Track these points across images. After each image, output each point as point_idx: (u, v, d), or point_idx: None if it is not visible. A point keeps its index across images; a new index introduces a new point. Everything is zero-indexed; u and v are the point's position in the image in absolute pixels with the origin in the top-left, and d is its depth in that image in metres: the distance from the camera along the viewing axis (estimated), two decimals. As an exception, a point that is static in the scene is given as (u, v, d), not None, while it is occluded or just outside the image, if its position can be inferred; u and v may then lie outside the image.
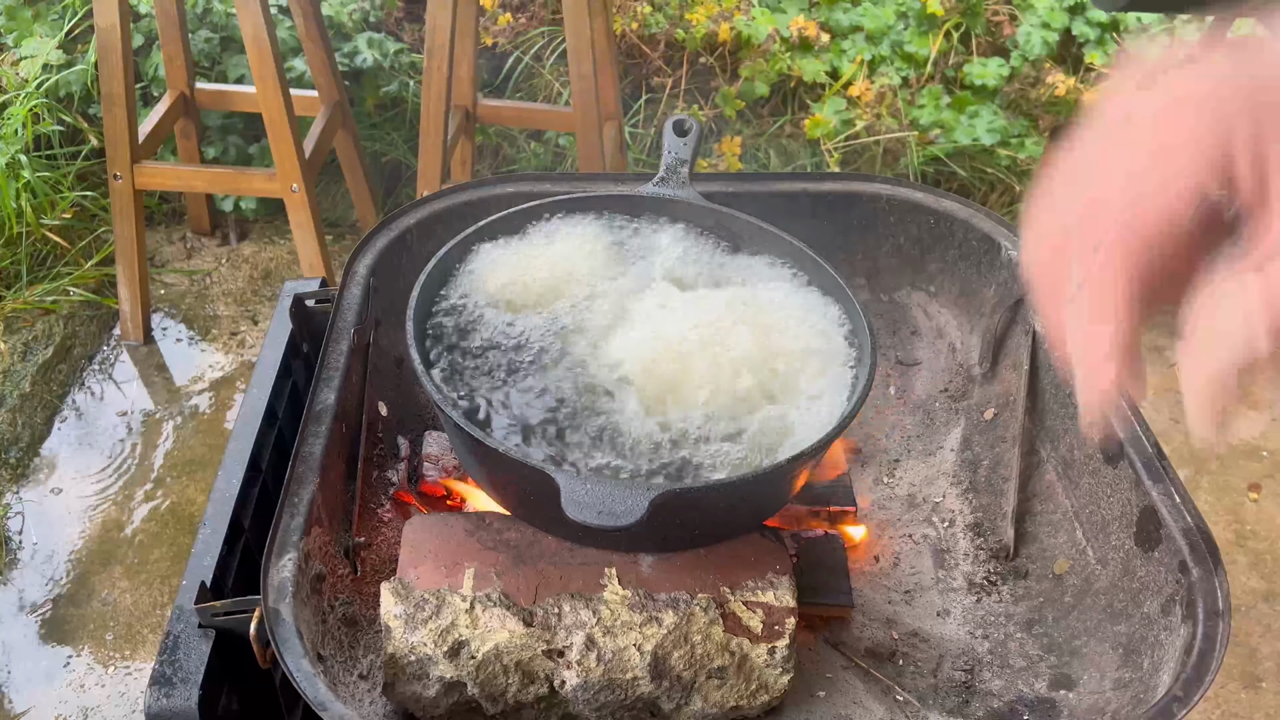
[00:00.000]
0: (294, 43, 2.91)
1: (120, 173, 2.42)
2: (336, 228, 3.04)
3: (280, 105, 2.29)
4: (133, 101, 2.37)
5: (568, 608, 1.00)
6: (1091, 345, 0.46)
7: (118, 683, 1.94)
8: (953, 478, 1.39)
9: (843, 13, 3.23)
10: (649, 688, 1.00)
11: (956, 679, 1.15)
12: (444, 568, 1.03)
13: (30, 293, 2.60)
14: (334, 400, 1.13)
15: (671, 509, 0.89)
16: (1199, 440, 0.45)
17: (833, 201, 1.45)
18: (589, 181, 1.43)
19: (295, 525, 1.01)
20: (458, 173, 2.84)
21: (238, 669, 1.01)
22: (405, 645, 0.98)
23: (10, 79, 2.84)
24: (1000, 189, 3.12)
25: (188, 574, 1.04)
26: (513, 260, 1.16)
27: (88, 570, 2.12)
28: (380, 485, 1.28)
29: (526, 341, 1.08)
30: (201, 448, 2.38)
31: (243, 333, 2.70)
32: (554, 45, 3.19)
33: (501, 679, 0.99)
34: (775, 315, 1.12)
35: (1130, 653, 1.05)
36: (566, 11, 2.33)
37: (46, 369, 2.49)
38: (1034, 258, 0.48)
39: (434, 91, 2.29)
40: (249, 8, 2.18)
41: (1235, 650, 2.11)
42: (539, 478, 0.89)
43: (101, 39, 2.28)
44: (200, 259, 2.92)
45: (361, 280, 1.29)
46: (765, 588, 1.05)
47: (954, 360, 1.46)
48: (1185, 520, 1.04)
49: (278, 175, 2.41)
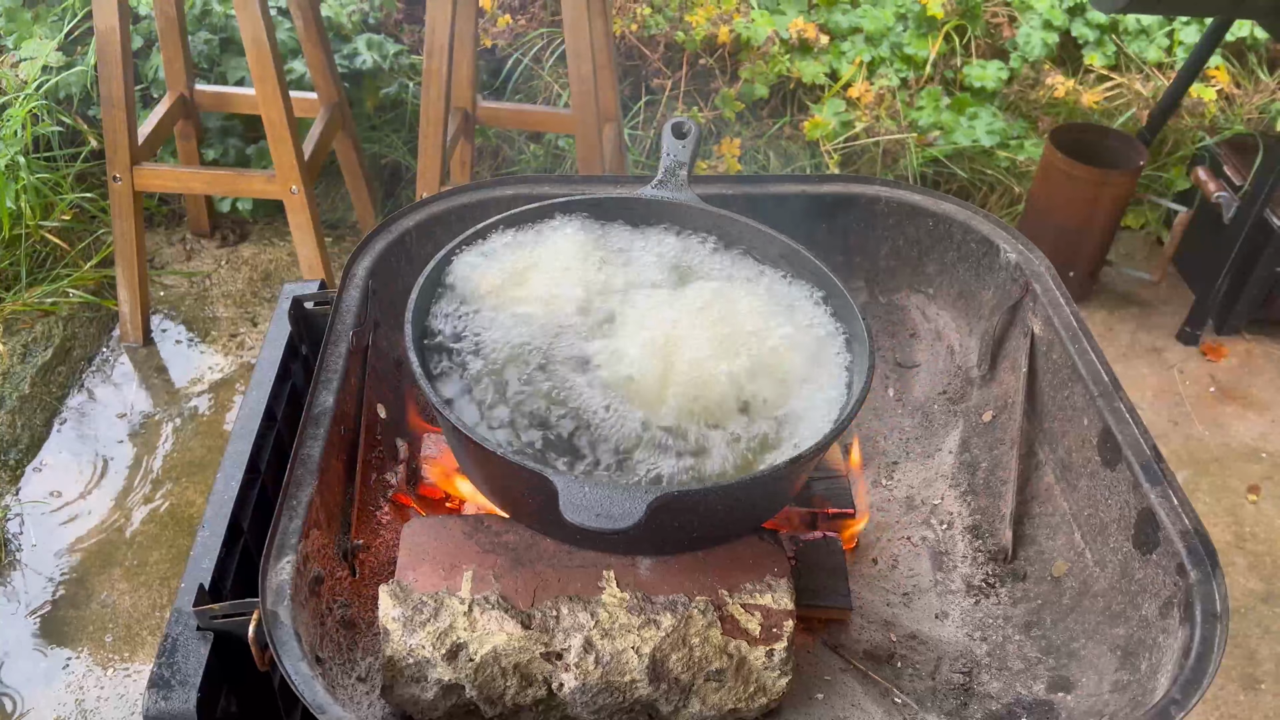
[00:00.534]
0: (293, 44, 2.91)
1: (120, 174, 2.42)
2: (336, 229, 3.04)
3: (280, 107, 2.30)
4: (132, 103, 2.37)
5: (566, 610, 1.00)
6: None
7: (117, 684, 1.94)
8: (951, 480, 1.39)
9: (842, 14, 3.23)
10: (647, 690, 1.00)
11: (955, 681, 1.15)
12: (442, 570, 1.03)
13: (30, 294, 2.60)
14: (333, 402, 1.13)
15: (669, 512, 0.90)
16: None
17: (831, 204, 1.45)
18: (588, 184, 1.43)
19: (294, 528, 1.01)
20: (457, 174, 2.84)
21: (236, 671, 1.01)
22: (404, 647, 0.99)
23: (10, 80, 2.84)
24: (1000, 190, 3.12)
25: (186, 576, 1.04)
26: (508, 263, 1.16)
27: (87, 572, 2.12)
28: (379, 488, 1.28)
29: (523, 343, 1.08)
30: (200, 449, 2.38)
31: (242, 334, 2.70)
32: (553, 47, 3.19)
33: (500, 681, 0.99)
34: (772, 318, 1.12)
35: (1128, 655, 1.05)
36: (566, 13, 2.33)
37: (46, 371, 2.49)
38: None
39: (433, 93, 2.29)
40: (249, 10, 2.18)
41: (1234, 652, 2.11)
42: (537, 481, 0.89)
43: (101, 41, 2.28)
44: (200, 261, 2.92)
45: (360, 282, 1.29)
46: (763, 590, 1.05)
47: (952, 362, 1.46)
48: (1183, 523, 1.04)
49: (277, 177, 2.41)
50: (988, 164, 3.11)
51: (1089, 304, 2.96)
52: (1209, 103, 3.20)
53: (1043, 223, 2.81)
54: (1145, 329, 2.90)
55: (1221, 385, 2.74)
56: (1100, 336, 2.85)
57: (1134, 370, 2.77)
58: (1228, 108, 3.26)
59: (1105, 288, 3.01)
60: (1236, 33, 3.34)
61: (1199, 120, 3.18)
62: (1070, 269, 2.83)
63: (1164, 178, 3.14)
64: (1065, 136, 2.80)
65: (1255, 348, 2.85)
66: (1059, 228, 2.78)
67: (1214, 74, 3.28)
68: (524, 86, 3.21)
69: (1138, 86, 3.28)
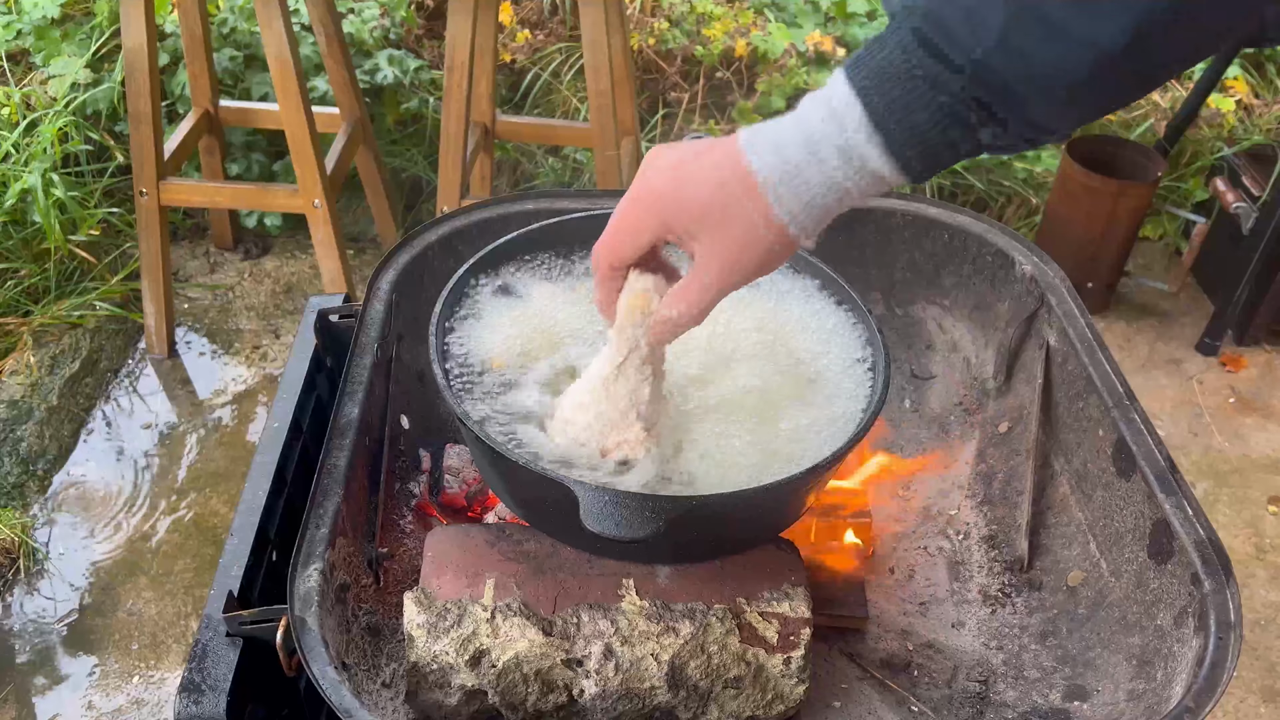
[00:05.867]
0: (316, 60, 2.95)
1: (146, 189, 2.46)
2: (357, 243, 3.08)
3: (303, 122, 2.33)
4: (159, 119, 2.41)
5: (586, 618, 1.02)
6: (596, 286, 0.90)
7: (143, 691, 1.97)
8: (967, 490, 1.40)
9: (858, 27, 3.25)
10: (666, 697, 1.02)
11: (971, 690, 1.16)
12: (465, 578, 1.05)
13: (58, 307, 2.65)
14: (358, 414, 1.16)
15: (688, 521, 0.91)
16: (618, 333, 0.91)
17: (848, 217, 1.46)
18: (606, 198, 1.45)
19: (320, 536, 1.03)
20: (477, 188, 2.87)
21: (264, 677, 1.03)
22: (428, 654, 1.00)
23: (39, 98, 2.90)
24: (1017, 202, 3.12)
25: (215, 584, 1.06)
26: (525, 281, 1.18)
27: (113, 581, 2.15)
28: (403, 497, 1.30)
29: (542, 355, 1.10)
30: (224, 460, 2.42)
31: (265, 346, 2.74)
32: (571, 61, 3.22)
33: (521, 688, 1.01)
34: (789, 329, 1.14)
35: (1143, 664, 1.06)
36: (584, 28, 2.36)
37: (73, 382, 2.53)
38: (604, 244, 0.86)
39: (453, 108, 2.33)
40: (273, 27, 2.22)
41: (1255, 665, 2.10)
42: (559, 490, 0.91)
43: (129, 58, 2.32)
44: (223, 274, 2.96)
45: (384, 296, 1.31)
46: (781, 598, 1.06)
47: (968, 374, 1.48)
48: (1197, 533, 1.05)
49: (300, 191, 2.44)
50: (1005, 175, 3.12)
51: (1107, 315, 2.96)
52: (1227, 113, 3.19)
53: (1060, 234, 2.81)
54: (1164, 340, 2.90)
55: (1241, 396, 2.73)
56: (1119, 348, 2.85)
57: (1153, 381, 2.76)
58: (1246, 118, 3.26)
59: (1124, 299, 3.01)
60: (1254, 43, 3.33)
61: (1217, 131, 3.18)
62: (1088, 280, 2.84)
63: (1182, 188, 3.13)
64: (1083, 148, 2.80)
65: (1275, 358, 2.84)
66: (1077, 239, 2.78)
67: (1232, 85, 3.28)
68: (543, 101, 3.25)
69: (1155, 97, 3.28)
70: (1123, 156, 2.83)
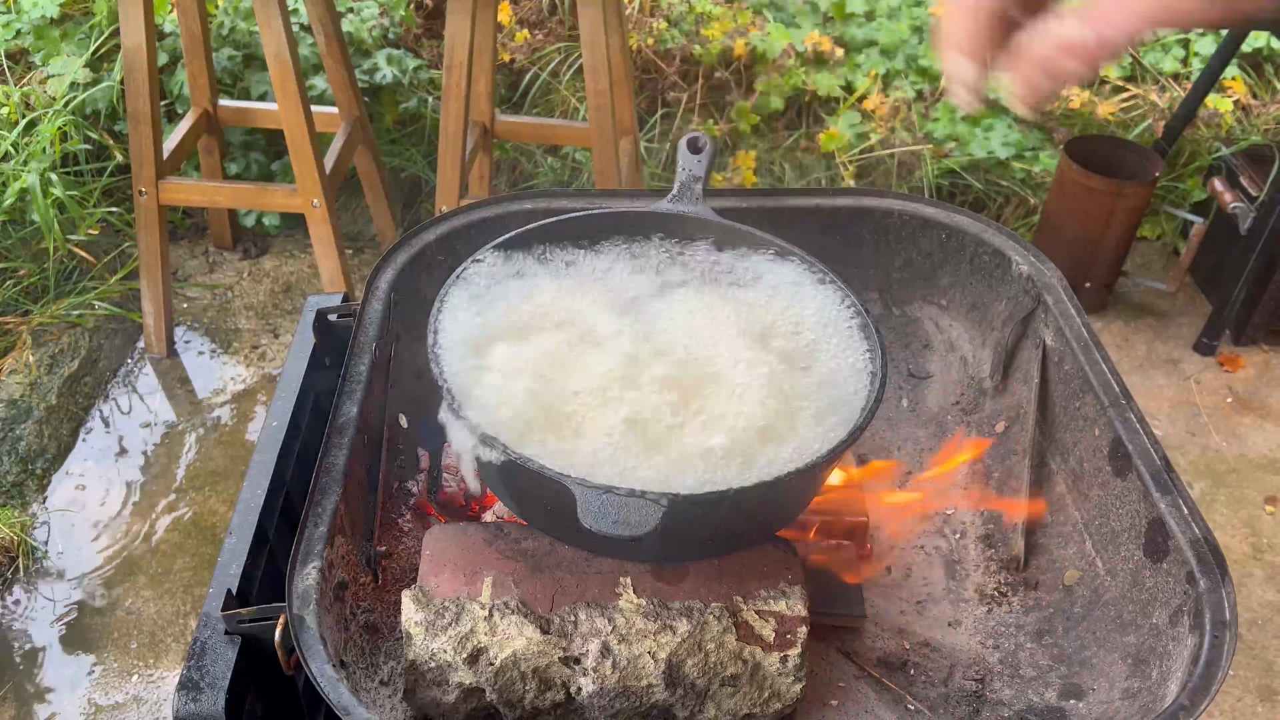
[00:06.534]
0: (315, 60, 2.96)
1: (145, 189, 2.46)
2: (356, 242, 3.08)
3: (302, 122, 2.33)
4: (158, 119, 2.42)
5: (584, 616, 1.03)
6: (951, 32, 0.70)
7: (142, 690, 1.97)
8: (964, 490, 1.40)
9: (857, 27, 3.25)
10: (663, 695, 1.02)
11: (967, 689, 1.17)
12: (463, 576, 1.05)
13: (57, 307, 2.65)
14: (356, 413, 1.16)
15: (685, 519, 0.91)
16: (1013, 101, 0.68)
17: (846, 217, 1.47)
18: (605, 197, 1.45)
19: (319, 535, 1.03)
20: (475, 188, 2.87)
21: (263, 674, 1.03)
22: (426, 652, 1.01)
23: (39, 97, 2.90)
24: (1016, 202, 3.13)
25: (214, 582, 1.07)
26: (521, 280, 1.18)
27: (112, 579, 2.15)
28: (401, 496, 1.31)
29: (542, 353, 1.10)
30: (223, 459, 2.42)
31: (263, 346, 2.74)
32: (570, 61, 3.23)
33: (519, 685, 1.01)
34: (785, 328, 1.14)
35: (1139, 663, 1.06)
36: (583, 28, 2.36)
37: (72, 381, 2.53)
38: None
39: (452, 107, 2.33)
40: (272, 26, 2.22)
41: (1251, 664, 2.11)
42: (556, 488, 0.91)
43: (128, 58, 2.32)
44: (222, 273, 2.97)
45: (383, 295, 1.32)
46: (777, 597, 1.07)
47: (965, 373, 1.48)
48: (1193, 531, 1.06)
49: (299, 191, 2.45)
50: (1003, 175, 3.13)
51: (1105, 315, 2.96)
52: (1225, 114, 3.20)
53: (1059, 234, 2.82)
54: (1162, 340, 2.90)
55: (1239, 396, 2.73)
56: (1117, 347, 2.86)
57: (1151, 381, 2.77)
58: (1244, 118, 3.26)
59: (1121, 299, 3.02)
60: (1253, 44, 3.34)
61: (1215, 131, 3.18)
62: (1086, 280, 2.84)
63: (1180, 188, 3.14)
64: (1081, 148, 2.81)
65: (1273, 358, 2.85)
66: (1075, 239, 2.79)
67: (1230, 85, 3.28)
68: (541, 100, 3.25)
69: (1154, 98, 3.28)
70: (1121, 156, 2.84)
